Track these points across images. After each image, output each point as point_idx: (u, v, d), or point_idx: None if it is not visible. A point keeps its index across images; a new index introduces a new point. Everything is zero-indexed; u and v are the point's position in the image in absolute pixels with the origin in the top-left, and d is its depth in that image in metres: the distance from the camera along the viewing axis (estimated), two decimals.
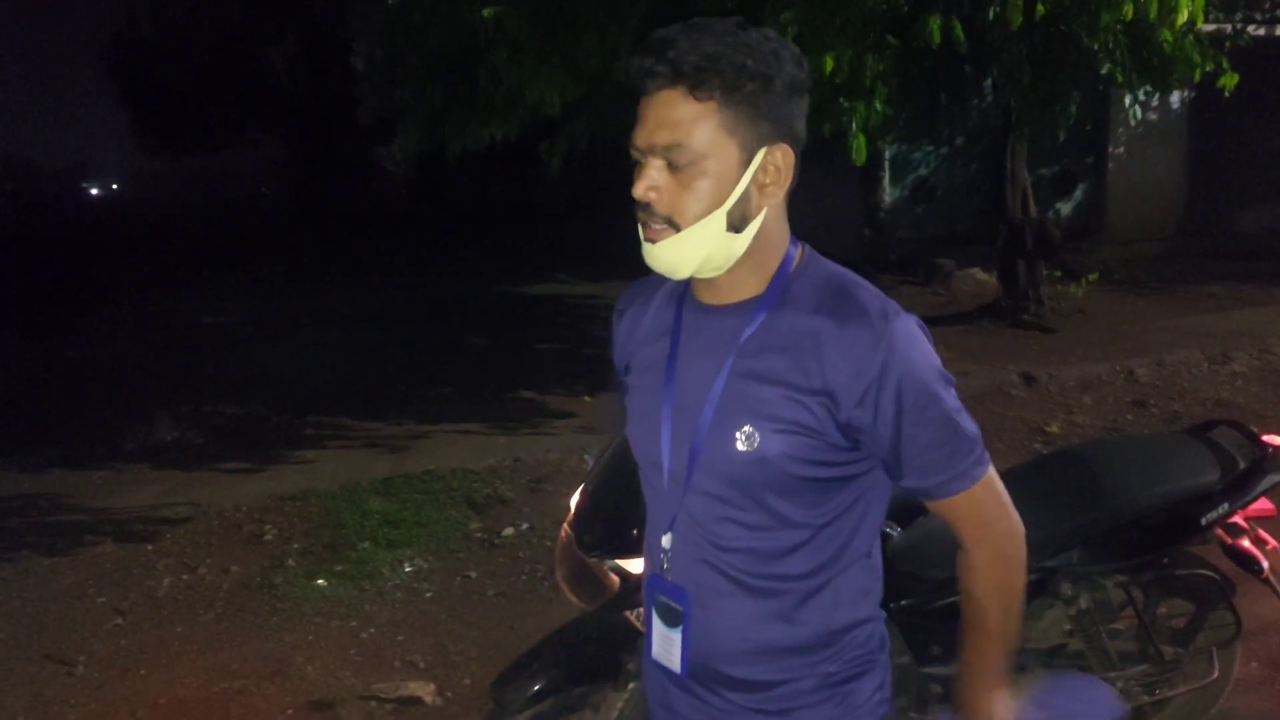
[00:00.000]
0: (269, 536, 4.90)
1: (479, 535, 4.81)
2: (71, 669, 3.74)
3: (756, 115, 1.27)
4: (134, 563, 4.67)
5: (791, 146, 1.32)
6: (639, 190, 1.29)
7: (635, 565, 2.29)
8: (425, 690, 3.44)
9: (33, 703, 3.54)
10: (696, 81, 1.24)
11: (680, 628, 1.40)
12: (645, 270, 1.39)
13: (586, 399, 6.96)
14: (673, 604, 1.41)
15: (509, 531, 4.81)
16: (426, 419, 6.64)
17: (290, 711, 3.35)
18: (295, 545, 4.78)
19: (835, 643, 1.39)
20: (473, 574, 4.40)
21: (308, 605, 4.16)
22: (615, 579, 2.31)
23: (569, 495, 2.54)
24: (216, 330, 10.47)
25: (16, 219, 29.03)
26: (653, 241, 1.31)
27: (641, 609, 2.42)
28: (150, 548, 4.82)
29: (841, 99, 5.82)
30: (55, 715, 3.45)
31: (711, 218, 1.29)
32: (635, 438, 1.50)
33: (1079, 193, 13.25)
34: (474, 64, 6.32)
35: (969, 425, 1.35)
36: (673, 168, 1.27)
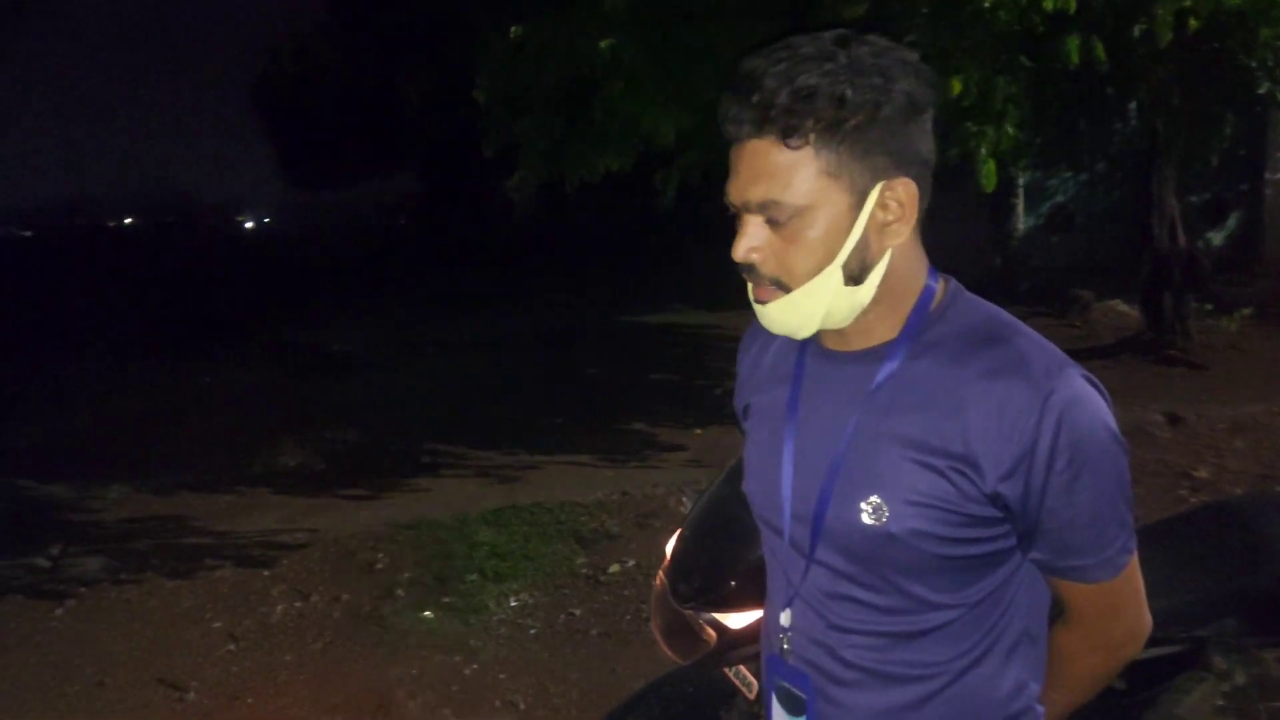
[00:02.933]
0: (380, 565, 4.92)
1: (585, 571, 4.72)
2: (183, 695, 3.79)
3: (866, 150, 1.08)
4: (251, 588, 4.75)
5: (915, 175, 1.11)
6: (739, 252, 1.12)
7: (733, 620, 2.15)
8: None
9: None
10: (788, 128, 1.06)
11: (804, 718, 1.23)
12: None
13: (697, 432, 6.83)
14: (795, 691, 1.24)
15: (615, 568, 4.71)
16: (538, 449, 6.63)
17: None
18: (405, 575, 4.78)
19: None
20: (577, 611, 4.31)
21: (414, 637, 4.13)
22: (712, 633, 2.16)
23: (675, 533, 2.41)
24: (344, 358, 10.78)
25: (176, 250, 30.86)
26: (763, 302, 1.16)
27: (741, 666, 2.28)
28: (267, 573, 4.90)
29: (969, 123, 5.55)
30: None
31: (825, 274, 1.11)
32: (753, 495, 1.33)
33: (1232, 221, 12.48)
34: (590, 95, 6.33)
35: (1129, 506, 1.14)
36: (773, 224, 1.10)
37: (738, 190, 1.12)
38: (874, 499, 1.12)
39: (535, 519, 5.35)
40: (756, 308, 1.17)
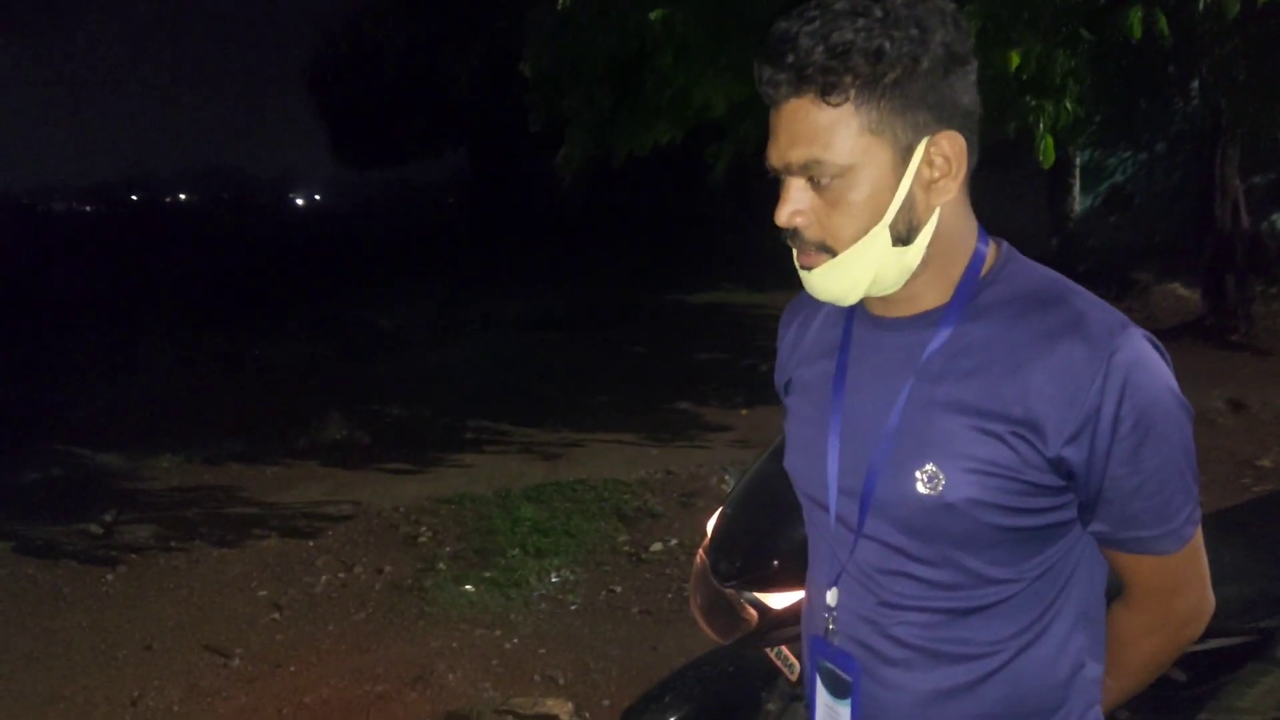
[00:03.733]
0: (423, 538, 4.94)
1: (626, 549, 4.69)
2: (228, 661, 3.83)
3: (907, 105, 1.04)
4: (295, 558, 4.79)
5: (960, 129, 1.06)
6: (782, 216, 1.08)
7: (775, 599, 2.09)
8: (563, 709, 3.33)
9: (188, 693, 3.63)
10: (826, 85, 1.02)
11: (849, 700, 1.18)
12: None
13: (743, 412, 6.77)
14: (839, 672, 1.19)
15: (657, 547, 4.68)
16: (582, 427, 6.61)
17: None
18: (447, 549, 4.80)
19: None
20: (618, 588, 4.28)
21: (455, 611, 4.14)
22: (753, 612, 2.11)
23: (716, 511, 2.36)
24: (391, 334, 10.86)
25: (232, 225, 31.32)
26: (808, 268, 1.11)
27: (783, 647, 2.23)
28: (312, 544, 4.95)
29: (1028, 97, 5.39)
30: (208, 706, 3.53)
31: (871, 235, 1.06)
32: (796, 471, 1.28)
33: None
34: (641, 68, 6.25)
35: (1194, 475, 1.08)
36: (817, 186, 1.06)
37: (778, 153, 1.08)
38: (929, 467, 1.07)
39: (578, 496, 5.34)
40: (802, 274, 1.12)
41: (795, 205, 1.07)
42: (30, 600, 4.53)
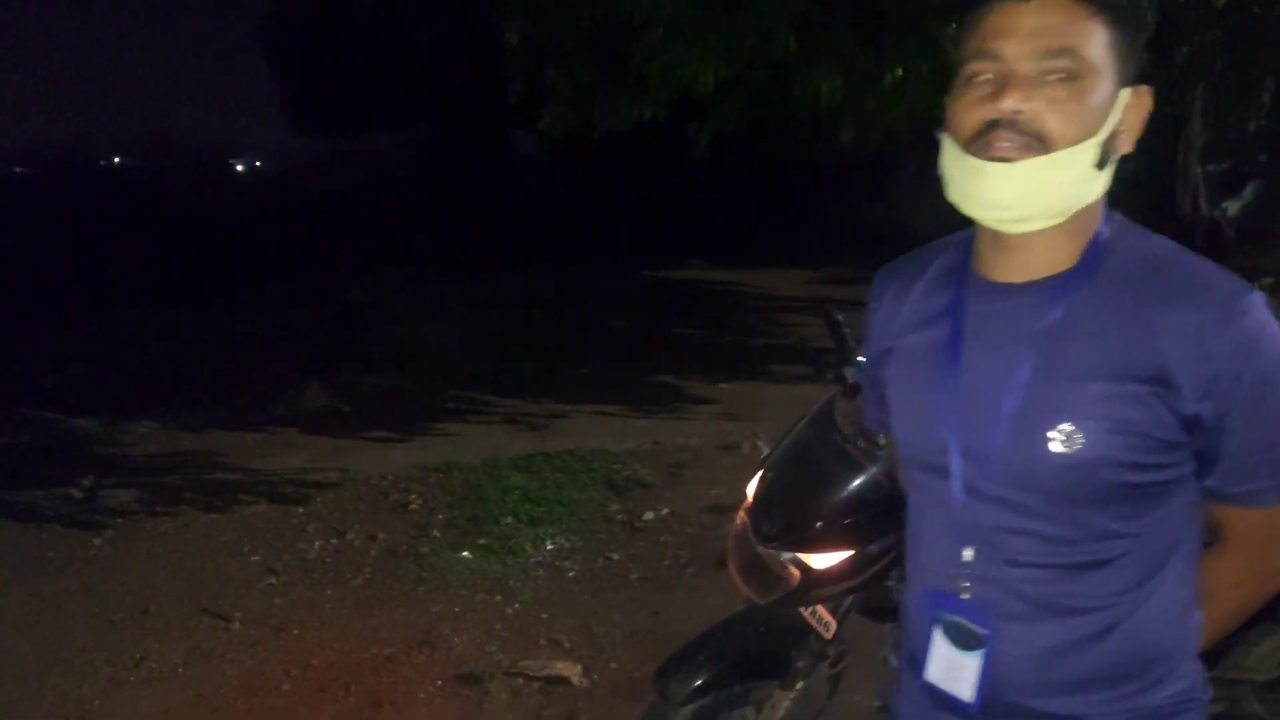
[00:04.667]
0: (414, 506, 4.95)
1: (619, 517, 4.74)
2: (228, 624, 3.83)
3: (1131, 49, 1.11)
4: (285, 524, 4.77)
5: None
6: (1010, 102, 1.08)
7: (817, 560, 2.16)
8: (572, 671, 3.38)
9: (191, 655, 3.62)
10: None
11: (979, 652, 1.22)
12: (804, 257, 1.21)
13: (723, 386, 6.84)
14: (970, 626, 1.23)
15: (649, 515, 4.74)
16: (565, 399, 6.64)
17: (440, 683, 3.34)
18: (439, 516, 4.81)
19: (1151, 673, 1.19)
20: (615, 556, 4.34)
21: (453, 577, 4.16)
22: (795, 572, 2.18)
23: (709, 482, 2.42)
24: (362, 307, 10.77)
25: (176, 191, 30.53)
26: (1009, 160, 1.09)
27: (819, 606, 2.31)
28: (301, 510, 4.93)
29: None
30: (213, 669, 3.53)
31: (1086, 145, 1.09)
32: (907, 437, 1.31)
33: (1249, 191, 12.39)
34: (627, 42, 6.25)
35: None
36: (1052, 80, 1.08)
37: (1019, 43, 1.09)
38: (1065, 427, 1.11)
39: (566, 465, 5.37)
40: (990, 169, 1.11)
41: (1026, 91, 1.09)
42: (15, 564, 4.46)
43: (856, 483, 2.15)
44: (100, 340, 9.01)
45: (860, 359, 2.46)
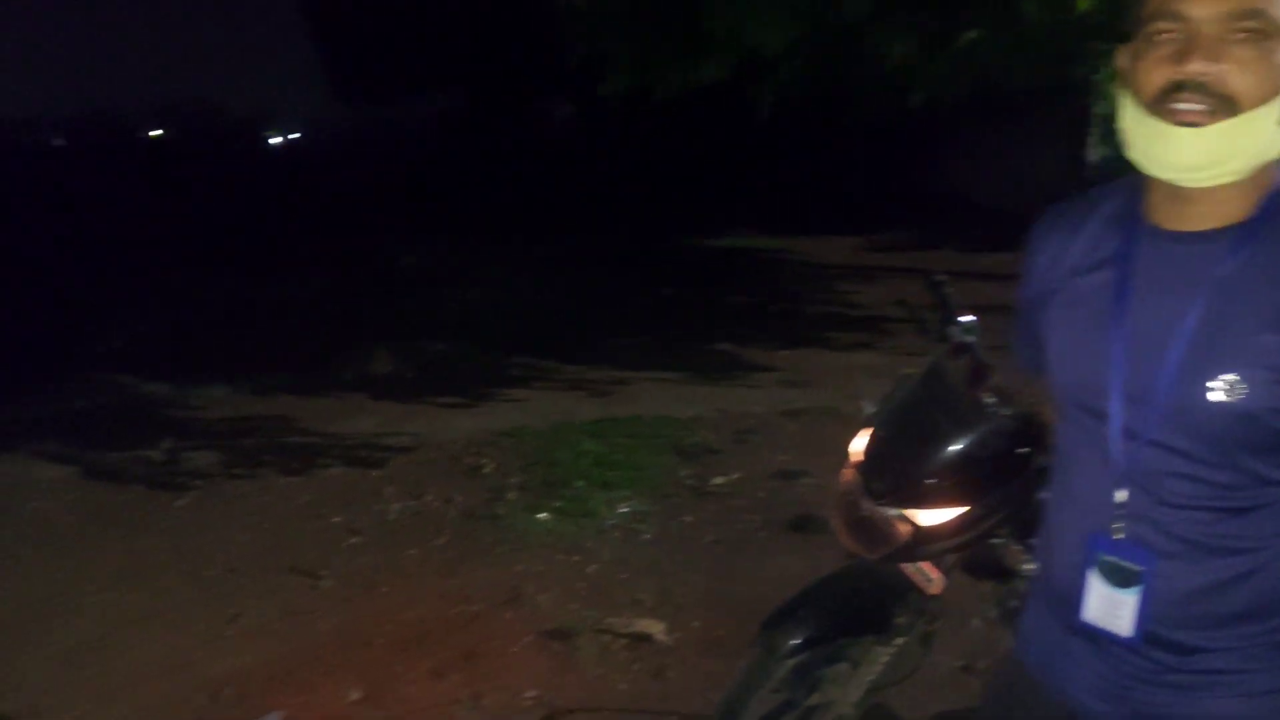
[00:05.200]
0: (487, 469, 5.02)
1: (689, 482, 4.79)
2: (316, 582, 3.93)
3: None
4: (362, 487, 4.88)
5: None
6: (1197, 65, 1.11)
7: (926, 516, 2.19)
8: (656, 628, 3.44)
9: (283, 612, 3.73)
10: None
11: (1136, 589, 1.26)
12: (854, 224, 1.22)
13: (783, 353, 6.85)
14: (1127, 564, 1.27)
15: (719, 480, 4.78)
16: (626, 365, 6.68)
17: (529, 638, 3.42)
18: (513, 479, 4.89)
19: None
20: (688, 519, 4.39)
21: (531, 538, 4.24)
22: (904, 528, 2.21)
23: (775, 448, 2.46)
24: (414, 273, 10.85)
25: (210, 166, 30.81)
26: (1196, 125, 1.13)
27: (923, 562, 2.34)
28: (376, 473, 5.03)
29: (1098, 41, 5.36)
30: (306, 624, 3.63)
31: (1272, 104, 1.11)
32: (1068, 380, 1.33)
33: None
34: (691, 3, 6.22)
35: None
36: (1239, 40, 1.10)
37: (1206, 4, 1.11)
38: (1230, 377, 1.14)
39: (635, 431, 5.42)
40: (1177, 134, 1.14)
41: (1213, 52, 1.11)
42: (106, 523, 4.61)
43: (968, 440, 2.17)
44: (159, 306, 9.18)
45: (963, 319, 2.48)
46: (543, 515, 4.44)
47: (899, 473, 2.24)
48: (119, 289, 9.95)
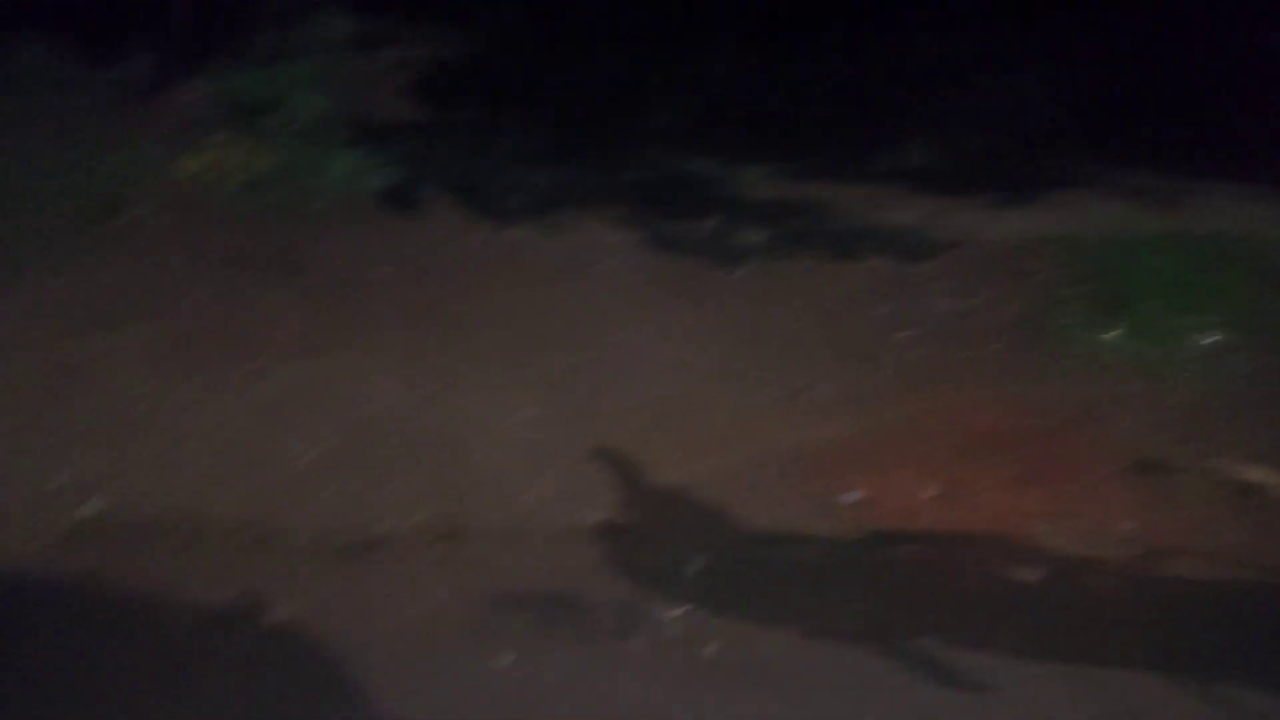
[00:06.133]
0: (1038, 276, 4.72)
1: None
2: (875, 370, 4.00)
3: None
4: (909, 279, 4.81)
5: None
6: None
7: None
8: (1268, 476, 3.08)
9: (846, 395, 3.85)
10: None
11: None
12: None
13: None
14: None
15: None
16: (1196, 174, 5.83)
17: (1114, 465, 3.23)
18: (1067, 290, 4.56)
19: None
20: None
21: (1099, 357, 3.96)
22: None
23: None
24: (931, 61, 10.20)
25: None
26: None
27: None
28: (920, 268, 4.92)
29: None
30: (871, 411, 3.72)
31: None
32: None
33: None
34: None
35: None
36: None
37: None
38: None
39: (1212, 251, 4.77)
40: None
41: None
42: (671, 286, 4.98)
43: None
44: (696, 84, 9.49)
45: None
46: (1110, 334, 4.11)
47: None
48: (656, 69, 10.40)
